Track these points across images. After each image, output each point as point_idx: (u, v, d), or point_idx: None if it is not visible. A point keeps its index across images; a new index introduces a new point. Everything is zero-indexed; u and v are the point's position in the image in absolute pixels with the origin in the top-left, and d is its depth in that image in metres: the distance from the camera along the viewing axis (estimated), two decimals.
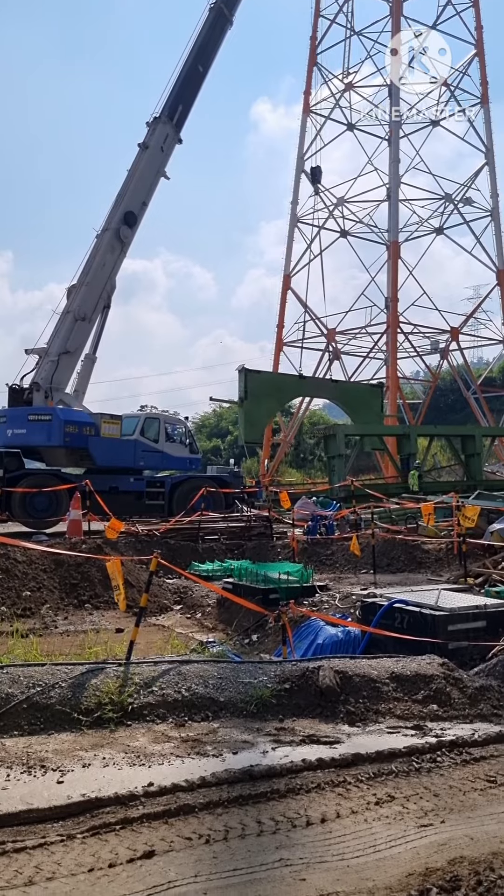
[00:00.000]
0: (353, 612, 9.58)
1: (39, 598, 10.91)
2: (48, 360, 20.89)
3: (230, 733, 5.07)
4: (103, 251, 21.97)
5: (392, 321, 39.50)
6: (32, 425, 19.67)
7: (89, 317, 21.70)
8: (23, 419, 19.87)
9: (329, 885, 3.21)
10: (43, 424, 19.62)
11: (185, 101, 24.02)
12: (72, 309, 21.37)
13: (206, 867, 3.36)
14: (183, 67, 24.06)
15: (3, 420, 20.28)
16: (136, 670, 5.76)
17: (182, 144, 24.15)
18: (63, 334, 21.16)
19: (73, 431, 19.75)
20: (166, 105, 23.57)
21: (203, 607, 12.05)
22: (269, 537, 16.79)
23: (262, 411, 26.30)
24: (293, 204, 44.22)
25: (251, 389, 25.05)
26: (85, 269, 21.91)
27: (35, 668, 5.69)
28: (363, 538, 13.77)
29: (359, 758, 4.65)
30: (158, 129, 23.15)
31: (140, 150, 23.07)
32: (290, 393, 29.84)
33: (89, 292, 21.63)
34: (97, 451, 20.29)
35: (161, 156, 23.37)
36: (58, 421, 19.52)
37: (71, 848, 3.53)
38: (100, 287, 21.95)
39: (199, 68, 24.35)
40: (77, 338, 21.47)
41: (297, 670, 5.90)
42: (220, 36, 25.19)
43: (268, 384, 26.53)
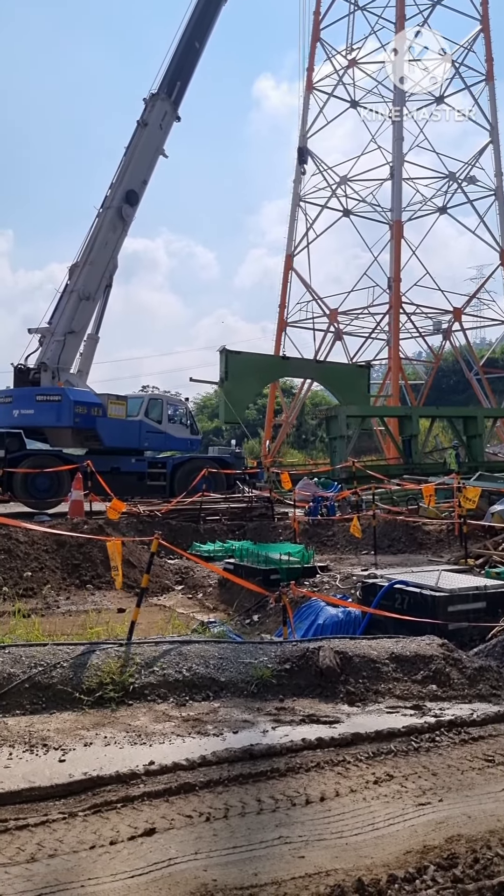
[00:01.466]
0: (353, 593, 9.62)
1: (41, 578, 10.95)
2: (54, 340, 20.81)
3: (231, 713, 5.11)
4: (105, 230, 21.84)
5: (395, 301, 39.28)
6: (41, 406, 19.61)
7: (93, 296, 21.61)
8: (30, 399, 19.81)
9: (328, 863, 3.25)
10: (52, 405, 19.57)
11: (183, 78, 23.74)
12: (76, 288, 21.26)
13: (207, 844, 3.40)
14: (179, 43, 23.75)
15: (9, 400, 20.21)
16: (138, 650, 5.80)
17: (180, 122, 23.94)
18: (68, 314, 21.07)
19: (82, 412, 19.74)
20: (164, 82, 23.30)
21: (204, 588, 12.10)
22: (271, 518, 16.81)
23: (243, 392, 26.35)
24: (295, 183, 43.87)
25: (232, 370, 25.12)
26: (87, 247, 21.78)
27: (37, 647, 5.73)
28: (364, 519, 13.79)
29: (358, 737, 4.69)
30: (157, 105, 22.90)
31: (139, 128, 22.83)
32: (271, 374, 29.86)
33: (92, 271, 21.52)
34: (104, 432, 20.29)
35: (160, 133, 23.15)
36: (67, 401, 19.48)
37: (73, 826, 3.57)
38: (103, 266, 21.84)
39: (195, 44, 24.05)
40: (81, 317, 21.39)
41: (297, 651, 5.94)
42: (216, 11, 24.82)
43: (249, 365, 26.61)
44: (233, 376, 25.13)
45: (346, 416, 25.16)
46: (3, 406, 20.36)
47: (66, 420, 19.52)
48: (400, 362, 40.21)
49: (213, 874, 3.14)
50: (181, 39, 23.78)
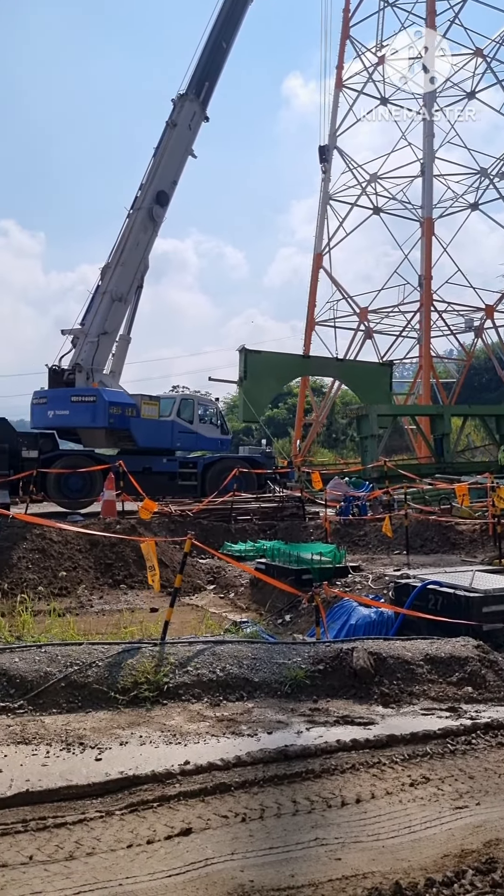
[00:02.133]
0: (386, 594, 9.56)
1: (75, 577, 11.06)
2: (87, 341, 20.95)
3: (265, 713, 5.11)
4: (136, 231, 21.94)
5: (426, 299, 38.97)
6: (76, 406, 19.76)
7: (125, 297, 21.73)
8: (65, 400, 19.97)
9: (364, 865, 3.24)
10: (87, 405, 19.71)
11: (211, 78, 23.73)
12: (108, 289, 21.39)
13: (243, 845, 3.41)
14: (206, 44, 23.74)
15: (44, 401, 20.39)
16: (172, 650, 5.83)
17: (209, 122, 23.93)
18: (101, 315, 21.21)
19: (116, 413, 19.86)
20: (192, 82, 23.31)
21: (236, 587, 12.12)
22: (302, 518, 16.79)
23: (262, 391, 26.29)
24: (325, 181, 43.67)
25: (251, 369, 25.08)
26: (118, 248, 21.90)
27: (72, 647, 5.79)
28: (396, 519, 13.71)
29: (393, 739, 4.67)
30: (185, 106, 22.92)
31: (168, 128, 22.87)
32: (291, 372, 29.73)
33: (124, 272, 21.64)
34: (138, 432, 20.42)
35: (189, 133, 23.19)
36: (102, 402, 19.61)
37: (110, 824, 3.60)
38: (134, 267, 21.96)
39: (222, 44, 24.03)
40: (114, 318, 21.53)
41: (330, 651, 5.93)
42: (243, 10, 24.76)
43: (268, 364, 26.54)
44: (252, 375, 25.13)
45: (377, 415, 25.02)
46: (38, 407, 20.58)
47: (100, 421, 19.65)
48: (431, 360, 39.88)
49: (250, 875, 3.15)
50: (208, 40, 23.80)
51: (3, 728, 4.71)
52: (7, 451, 18.31)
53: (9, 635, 6.36)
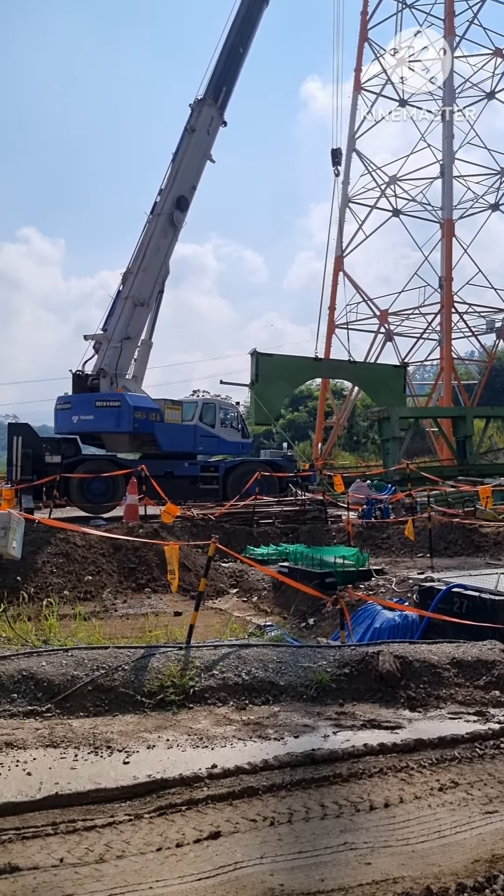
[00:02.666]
0: (410, 597, 9.51)
1: (99, 581, 11.13)
2: (111, 347, 21.05)
3: (291, 717, 5.10)
4: (157, 236, 22.04)
5: (446, 301, 38.76)
6: (101, 411, 19.85)
7: (147, 302, 21.82)
8: (89, 405, 20.06)
9: (395, 870, 3.22)
10: (112, 410, 19.80)
11: (228, 83, 23.78)
12: (130, 294, 21.49)
13: (272, 849, 3.41)
14: (223, 49, 23.79)
15: (68, 406, 20.48)
16: (197, 654, 5.84)
17: (226, 127, 23.97)
18: (124, 320, 21.31)
19: (141, 417, 19.93)
20: (209, 87, 23.38)
21: (259, 591, 12.12)
22: (324, 521, 16.75)
23: (274, 394, 26.23)
24: (344, 184, 43.55)
25: (263, 372, 25.07)
26: (140, 254, 22.00)
27: (99, 650, 5.82)
28: (419, 522, 13.64)
29: (421, 743, 4.64)
30: (204, 111, 22.99)
31: (186, 134, 22.94)
32: (303, 375, 29.68)
33: (146, 277, 21.73)
34: (162, 437, 20.48)
35: (207, 138, 23.25)
36: (127, 407, 19.69)
37: (139, 827, 3.61)
38: (156, 272, 22.05)
39: (239, 49, 24.08)
40: (137, 323, 21.62)
41: (356, 655, 5.91)
42: (258, 15, 24.81)
43: (280, 367, 26.52)
44: (264, 378, 25.16)
45: (399, 418, 24.92)
46: (62, 412, 20.68)
47: (125, 425, 19.72)
48: (452, 362, 39.65)
49: (280, 879, 3.15)
50: (225, 44, 23.86)
51: (31, 731, 4.74)
52: (31, 457, 18.46)
53: (35, 639, 6.41)
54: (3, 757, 4.37)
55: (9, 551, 6.31)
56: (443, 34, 40.30)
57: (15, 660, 5.58)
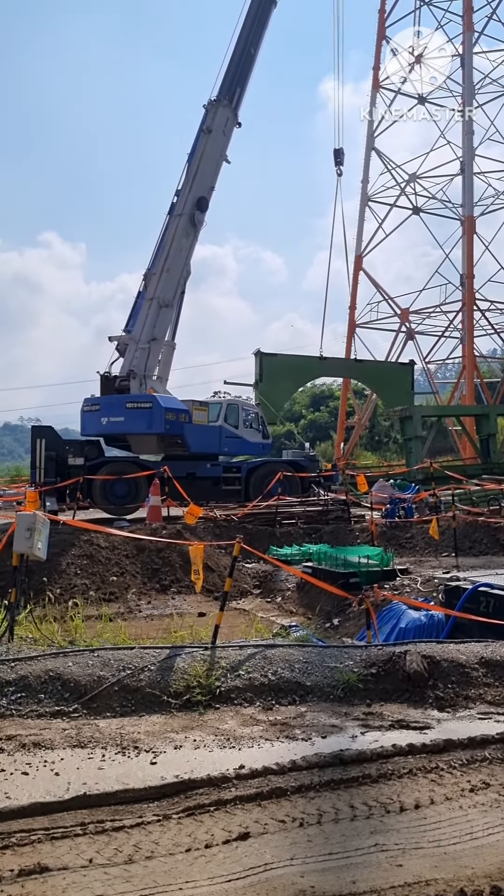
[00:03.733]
0: (435, 596, 9.44)
1: (123, 582, 11.15)
2: (138, 348, 21.03)
3: (318, 717, 5.07)
4: (178, 237, 22.03)
5: (468, 298, 38.46)
6: (132, 413, 19.75)
7: (171, 303, 21.82)
8: (119, 407, 19.97)
9: (427, 872, 3.18)
10: (143, 412, 19.71)
11: (241, 84, 23.75)
12: (155, 296, 21.47)
13: (302, 850, 3.38)
14: (235, 50, 23.71)
15: (97, 408, 20.39)
16: (223, 654, 5.82)
17: (241, 128, 23.89)
18: (150, 321, 21.28)
19: (171, 419, 19.85)
20: (222, 87, 23.32)
21: (283, 591, 12.09)
22: (347, 521, 16.68)
23: (279, 393, 26.23)
24: (363, 183, 43.37)
25: (267, 372, 25.06)
26: (163, 255, 21.99)
27: (124, 651, 5.82)
28: (443, 521, 13.53)
29: (450, 744, 4.58)
30: (219, 112, 22.92)
31: (203, 135, 22.86)
32: (308, 374, 29.68)
33: (169, 278, 21.71)
34: (191, 438, 20.44)
35: (223, 139, 23.19)
36: (159, 408, 19.63)
37: (167, 828, 3.59)
38: (178, 272, 22.04)
39: (250, 51, 24.02)
40: (162, 324, 21.60)
41: (383, 655, 5.86)
42: (267, 16, 24.68)
43: (284, 366, 26.52)
44: (268, 378, 25.17)
45: (422, 417, 24.78)
46: (89, 414, 20.57)
47: (157, 427, 19.65)
48: (475, 360, 39.33)
49: (311, 880, 3.12)
50: (236, 46, 23.77)
51: (58, 732, 4.75)
52: (54, 459, 18.53)
53: (62, 640, 6.42)
54: (31, 757, 4.37)
55: (34, 552, 6.33)
56: (461, 30, 40.06)
57: (42, 660, 5.60)
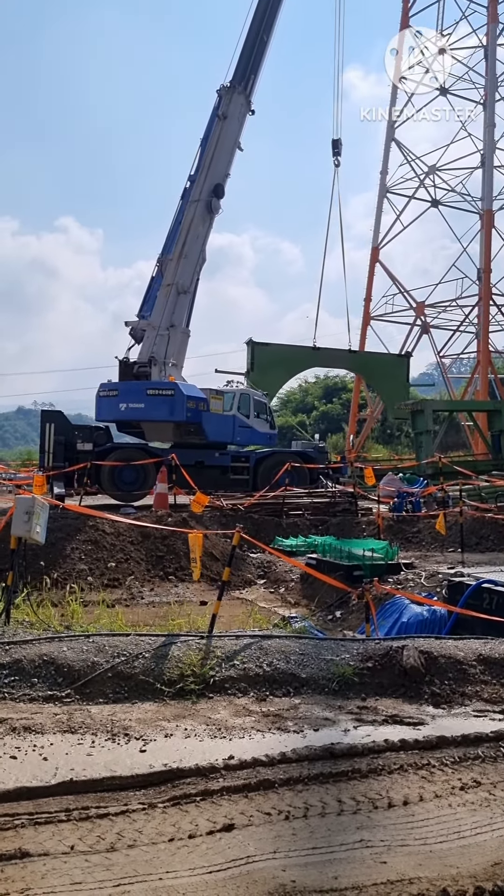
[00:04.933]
0: (439, 592, 9.37)
1: (126, 569, 11.15)
2: (157, 334, 20.93)
3: (311, 710, 5.03)
4: (196, 223, 21.89)
5: (485, 293, 38.18)
6: (152, 400, 19.63)
7: (188, 289, 21.74)
8: (140, 393, 19.84)
9: (411, 870, 3.13)
10: (164, 399, 19.60)
11: (254, 71, 23.51)
12: (173, 282, 21.36)
13: (286, 843, 3.34)
14: (247, 37, 23.43)
15: (115, 394, 20.23)
16: (219, 643, 5.79)
17: (254, 115, 23.66)
18: (168, 307, 21.17)
19: (192, 407, 19.76)
20: (236, 74, 23.09)
21: (286, 582, 12.06)
22: (354, 513, 16.61)
23: (269, 382, 26.04)
24: (382, 174, 43.04)
25: (258, 361, 24.91)
26: (179, 240, 21.86)
27: (120, 637, 5.80)
28: (451, 516, 13.45)
29: (443, 741, 4.53)
30: (234, 98, 22.72)
31: (218, 121, 22.60)
32: (300, 364, 29.53)
33: (187, 264, 21.58)
34: (209, 427, 20.38)
35: (238, 126, 23.01)
36: (180, 396, 19.53)
37: (152, 817, 3.56)
38: (195, 259, 21.94)
39: (263, 38, 23.74)
40: (179, 311, 21.50)
41: (380, 649, 5.81)
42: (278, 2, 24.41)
43: (276, 356, 26.40)
44: (259, 367, 25.04)
45: (434, 411, 24.63)
46: (106, 399, 20.40)
47: (178, 414, 19.54)
48: (490, 355, 39.09)
49: (292, 875, 3.08)
50: (248, 33, 23.52)
51: (50, 716, 4.73)
52: (62, 444, 18.56)
53: (58, 625, 6.41)
54: (20, 741, 4.36)
55: (32, 536, 6.31)
56: (486, 21, 39.60)
57: (36, 644, 5.59)
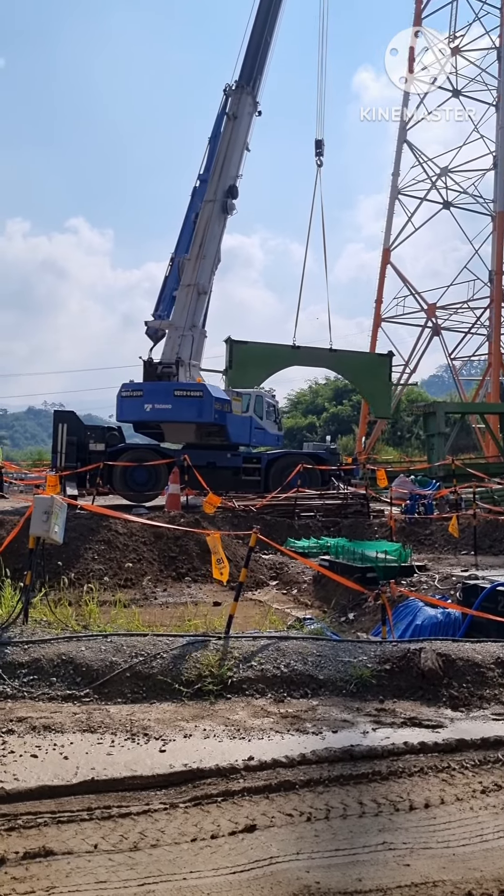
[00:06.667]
0: (453, 594, 9.35)
1: (140, 569, 11.17)
2: (180, 335, 20.88)
3: (329, 711, 5.02)
4: (212, 223, 21.87)
5: (496, 295, 38.05)
6: (180, 401, 19.42)
7: (207, 289, 21.70)
8: (167, 394, 19.63)
9: (434, 873, 3.13)
10: (193, 401, 19.44)
11: (259, 72, 23.41)
12: (192, 282, 21.32)
13: (308, 845, 3.34)
14: (251, 38, 23.31)
15: (139, 394, 20.05)
16: (236, 644, 5.79)
17: (260, 116, 23.61)
18: (189, 308, 21.11)
19: (218, 408, 19.73)
20: (242, 74, 23.04)
21: (299, 584, 12.05)
22: (366, 515, 16.58)
23: (248, 381, 25.87)
24: (394, 175, 42.96)
25: (237, 359, 24.77)
26: (196, 241, 21.81)
27: (137, 637, 5.81)
28: (464, 519, 13.41)
29: (463, 744, 4.52)
30: (242, 98, 22.69)
31: (228, 120, 22.52)
32: (280, 363, 29.32)
33: (206, 265, 21.52)
34: (232, 428, 20.35)
35: (246, 126, 23.00)
36: (209, 398, 19.41)
37: (174, 817, 3.57)
38: (212, 259, 21.92)
39: (266, 39, 23.64)
40: (199, 311, 21.44)
41: (397, 651, 5.80)
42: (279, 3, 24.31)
43: (255, 354, 26.24)
44: (238, 365, 24.91)
45: (445, 413, 24.57)
46: (129, 400, 20.22)
47: (206, 416, 19.42)
48: (501, 357, 38.91)
49: (316, 876, 3.08)
50: (252, 35, 23.43)
51: (69, 715, 4.75)
52: (75, 444, 18.58)
53: (76, 624, 6.43)
54: (41, 740, 4.38)
55: (51, 535, 6.33)
56: (499, 22, 39.50)
57: (55, 644, 5.61)
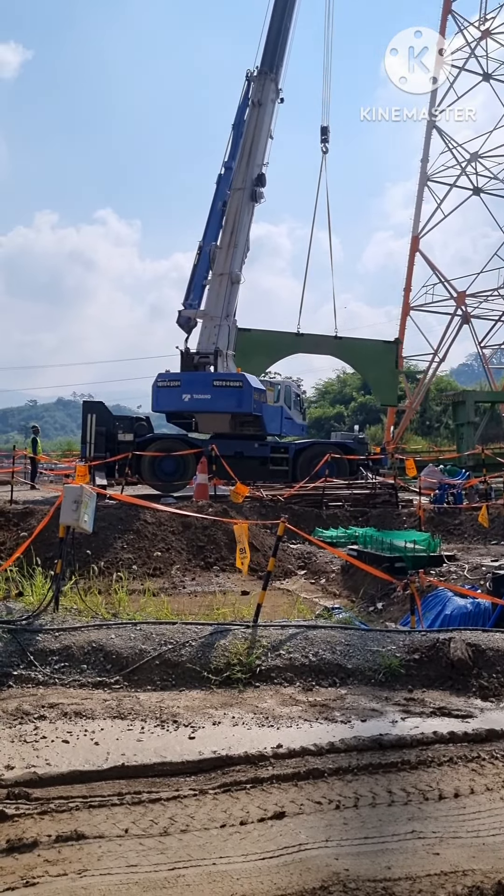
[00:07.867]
0: (482, 584, 9.27)
1: (168, 558, 11.22)
2: (216, 325, 20.83)
3: (358, 700, 5.02)
4: (242, 212, 21.79)
5: None
6: (219, 391, 19.43)
7: (240, 279, 21.64)
8: (206, 385, 19.66)
9: (464, 862, 3.12)
10: (232, 391, 19.40)
11: (280, 58, 23.17)
12: (225, 271, 21.23)
13: (337, 833, 3.35)
14: (271, 24, 23.07)
15: (177, 384, 20.01)
16: (264, 633, 5.81)
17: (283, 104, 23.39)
18: (223, 297, 21.03)
19: (257, 399, 19.72)
20: (264, 60, 22.82)
21: (327, 573, 12.03)
22: (395, 505, 16.51)
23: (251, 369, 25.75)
24: (423, 162, 42.50)
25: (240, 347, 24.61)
26: (227, 229, 21.70)
27: (166, 626, 5.85)
28: (493, 508, 13.30)
29: (493, 734, 4.50)
30: (266, 84, 22.51)
31: (252, 108, 22.37)
32: (283, 350, 29.15)
33: (237, 253, 21.46)
34: (267, 419, 20.35)
35: (270, 113, 22.83)
36: (248, 388, 19.36)
37: (203, 803, 3.60)
38: (243, 248, 21.86)
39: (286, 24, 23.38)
40: (232, 300, 21.40)
41: (426, 641, 5.78)
42: None
43: (258, 342, 26.09)
44: (241, 353, 24.80)
45: (475, 402, 24.35)
46: (166, 390, 20.20)
47: (246, 406, 19.39)
48: None
49: (345, 863, 3.09)
50: (272, 19, 23.18)
51: (99, 702, 4.80)
52: (104, 434, 18.73)
53: (105, 612, 6.48)
54: (72, 726, 4.44)
55: (80, 524, 6.39)
56: None
57: (85, 631, 5.67)
